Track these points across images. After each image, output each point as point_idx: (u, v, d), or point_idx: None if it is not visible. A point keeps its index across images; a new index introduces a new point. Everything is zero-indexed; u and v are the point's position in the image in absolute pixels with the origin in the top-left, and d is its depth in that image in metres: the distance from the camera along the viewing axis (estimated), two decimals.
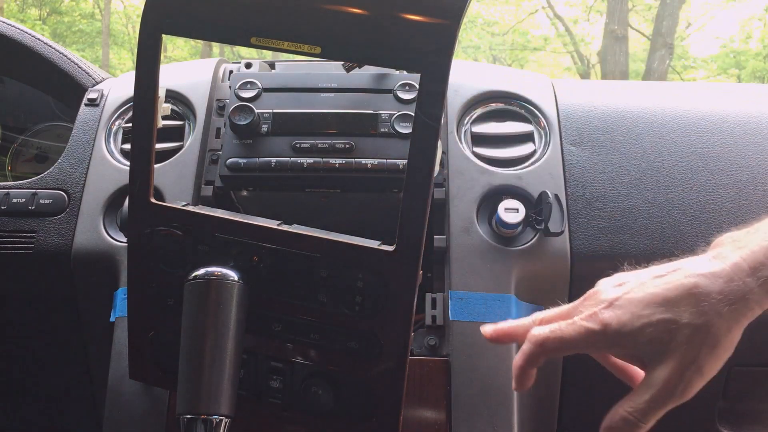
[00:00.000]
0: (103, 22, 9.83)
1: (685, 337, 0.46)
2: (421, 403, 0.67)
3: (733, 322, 0.46)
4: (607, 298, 0.49)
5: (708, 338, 0.46)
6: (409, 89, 0.78)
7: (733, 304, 0.45)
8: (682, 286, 0.46)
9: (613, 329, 0.47)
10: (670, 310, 0.46)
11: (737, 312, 0.46)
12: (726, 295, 0.45)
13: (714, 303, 0.45)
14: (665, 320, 0.46)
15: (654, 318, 0.46)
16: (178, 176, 0.78)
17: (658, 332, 0.46)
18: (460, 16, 0.44)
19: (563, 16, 9.79)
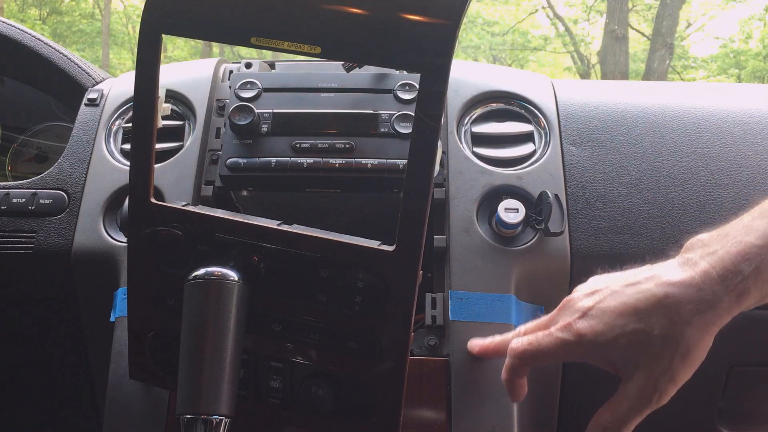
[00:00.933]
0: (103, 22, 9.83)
1: (658, 348, 0.47)
2: (421, 403, 0.67)
3: (704, 331, 0.47)
4: (581, 308, 0.50)
5: (679, 347, 0.47)
6: (409, 89, 0.78)
7: (703, 313, 0.46)
8: (654, 296, 0.47)
9: (587, 339, 0.48)
10: (643, 321, 0.47)
11: (707, 320, 0.47)
12: (696, 304, 0.46)
13: (684, 313, 0.46)
14: (638, 330, 0.47)
15: (627, 329, 0.47)
16: (178, 176, 0.78)
17: (631, 342, 0.47)
18: (460, 16, 0.44)
19: (563, 16, 9.79)
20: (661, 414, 0.85)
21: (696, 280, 0.46)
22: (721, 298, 0.46)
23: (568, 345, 0.50)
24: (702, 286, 0.46)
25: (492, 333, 0.69)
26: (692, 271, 0.47)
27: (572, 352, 0.50)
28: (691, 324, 0.47)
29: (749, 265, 0.45)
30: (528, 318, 0.73)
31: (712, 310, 0.46)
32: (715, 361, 0.81)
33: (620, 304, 0.48)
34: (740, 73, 8.67)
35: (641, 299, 0.47)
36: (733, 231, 0.47)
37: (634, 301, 0.48)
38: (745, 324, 0.78)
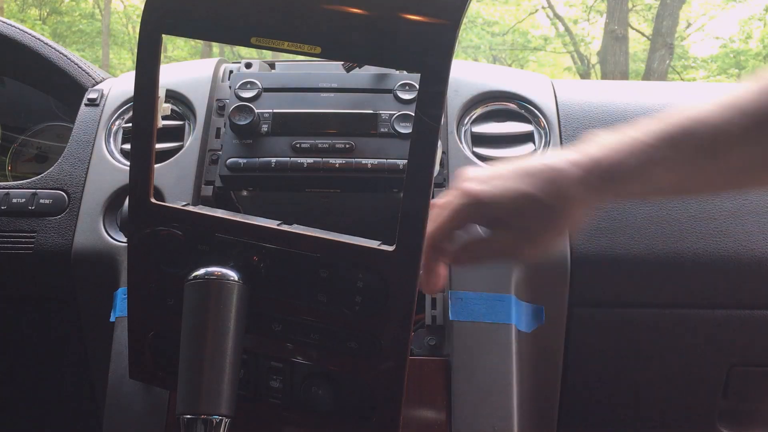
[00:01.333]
0: (103, 22, 9.83)
1: (539, 211, 0.51)
2: (421, 403, 0.67)
3: (581, 210, 0.52)
4: (478, 176, 0.53)
5: (558, 218, 0.52)
6: (409, 89, 0.78)
7: (586, 193, 0.50)
8: (547, 168, 0.52)
9: (482, 201, 0.52)
10: (533, 186, 0.51)
11: (588, 201, 0.51)
12: (583, 184, 0.50)
13: (571, 189, 0.50)
14: (527, 193, 0.51)
15: (518, 190, 0.51)
16: (178, 176, 0.78)
17: (518, 202, 0.51)
18: (460, 16, 0.44)
19: (563, 16, 9.79)
20: (662, 414, 0.86)
21: (586, 164, 0.51)
22: (606, 185, 0.50)
23: (466, 208, 0.53)
24: (591, 170, 0.50)
25: (492, 333, 0.69)
26: (584, 157, 0.51)
27: (470, 215, 0.53)
28: (575, 200, 0.51)
29: (636, 160, 0.49)
30: (528, 318, 0.73)
31: (596, 193, 0.51)
32: (715, 361, 0.81)
33: (514, 170, 0.53)
34: (740, 73, 8.67)
35: (536, 169, 0.52)
36: (629, 130, 0.51)
37: (528, 168, 0.52)
38: (745, 324, 0.78)
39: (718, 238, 0.76)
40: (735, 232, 0.77)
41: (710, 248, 0.76)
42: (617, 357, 0.82)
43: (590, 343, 0.80)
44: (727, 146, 0.49)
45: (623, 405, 0.85)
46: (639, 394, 0.84)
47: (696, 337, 0.80)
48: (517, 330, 0.70)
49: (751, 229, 0.77)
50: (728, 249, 0.76)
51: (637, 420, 0.86)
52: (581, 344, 0.79)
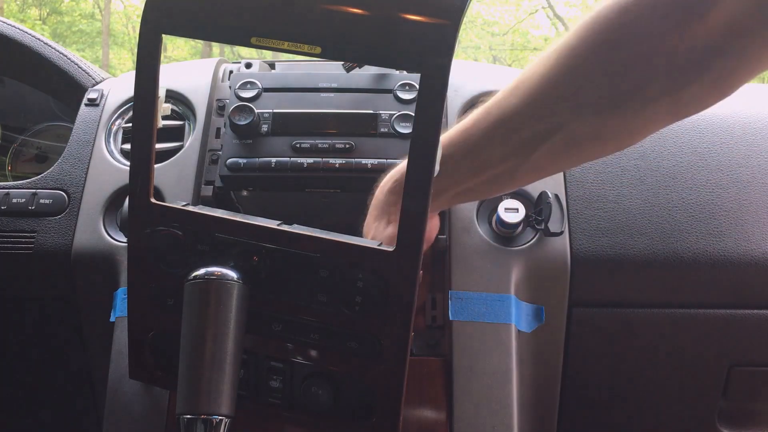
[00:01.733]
0: (103, 22, 9.83)
1: (384, 208, 0.63)
2: (421, 403, 0.67)
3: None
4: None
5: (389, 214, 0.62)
6: (409, 89, 0.78)
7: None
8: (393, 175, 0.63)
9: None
10: (384, 189, 0.63)
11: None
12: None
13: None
14: (378, 195, 0.64)
15: (379, 195, 0.64)
16: (178, 176, 0.78)
17: (376, 200, 0.64)
18: (460, 16, 0.44)
19: (563, 16, 9.78)
20: (662, 414, 0.86)
21: (378, 191, 0.63)
22: (383, 197, 0.63)
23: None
24: (377, 195, 0.63)
25: (492, 333, 0.69)
26: (382, 182, 0.63)
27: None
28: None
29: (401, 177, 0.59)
30: (528, 318, 0.73)
31: (379, 210, 0.63)
32: (715, 361, 0.81)
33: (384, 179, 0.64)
34: None
35: (392, 175, 0.62)
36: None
37: (389, 177, 0.63)
38: (745, 324, 0.78)
39: (718, 238, 0.76)
40: (735, 232, 0.77)
41: (710, 248, 0.76)
42: (617, 357, 0.82)
43: (590, 343, 0.80)
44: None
45: (623, 405, 0.85)
46: (639, 394, 0.84)
47: (696, 337, 0.80)
48: (517, 330, 0.70)
49: (751, 229, 0.77)
50: (728, 249, 0.76)
51: (637, 420, 0.86)
52: (581, 344, 0.79)
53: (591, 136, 0.52)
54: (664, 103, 0.48)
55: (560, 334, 0.77)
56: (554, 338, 0.77)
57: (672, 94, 0.48)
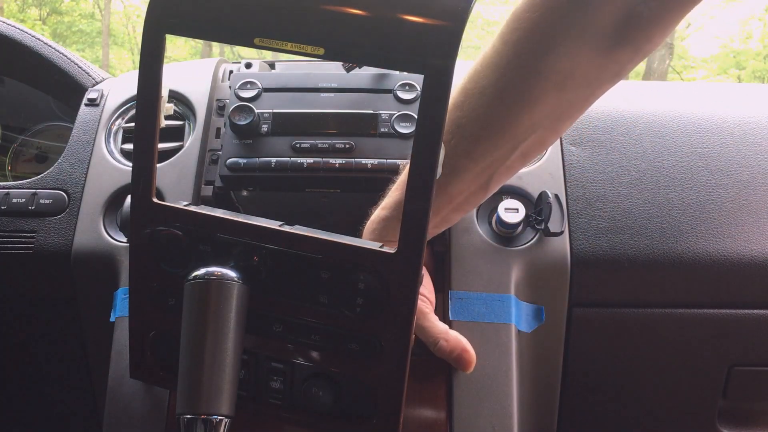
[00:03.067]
0: (103, 22, 9.83)
1: None
2: (421, 403, 0.67)
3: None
4: None
5: None
6: (409, 89, 0.78)
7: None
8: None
9: None
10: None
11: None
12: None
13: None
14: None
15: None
16: (178, 176, 0.78)
17: None
18: (464, 17, 0.44)
19: None
20: (662, 414, 0.86)
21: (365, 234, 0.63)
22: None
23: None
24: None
25: (492, 333, 0.69)
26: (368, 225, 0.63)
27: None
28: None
29: (380, 225, 0.60)
30: (528, 318, 0.73)
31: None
32: (715, 361, 0.81)
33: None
34: (740, 74, 8.67)
35: (374, 221, 0.63)
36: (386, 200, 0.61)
37: (373, 222, 0.63)
38: (745, 324, 0.79)
39: (718, 238, 0.76)
40: (735, 232, 0.77)
41: (710, 248, 0.76)
42: (617, 357, 0.82)
43: (590, 343, 0.80)
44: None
45: (623, 405, 0.85)
46: (639, 394, 0.84)
47: (696, 337, 0.80)
48: (517, 330, 0.70)
49: (751, 229, 0.77)
50: (728, 249, 0.76)
51: (637, 420, 0.86)
52: (581, 344, 0.79)
53: (549, 132, 0.55)
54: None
55: (560, 334, 0.77)
56: (554, 338, 0.77)
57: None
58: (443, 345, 0.61)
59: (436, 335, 0.61)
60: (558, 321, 0.76)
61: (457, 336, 0.62)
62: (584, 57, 0.50)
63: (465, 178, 0.56)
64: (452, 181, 0.56)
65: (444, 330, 0.62)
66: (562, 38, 0.50)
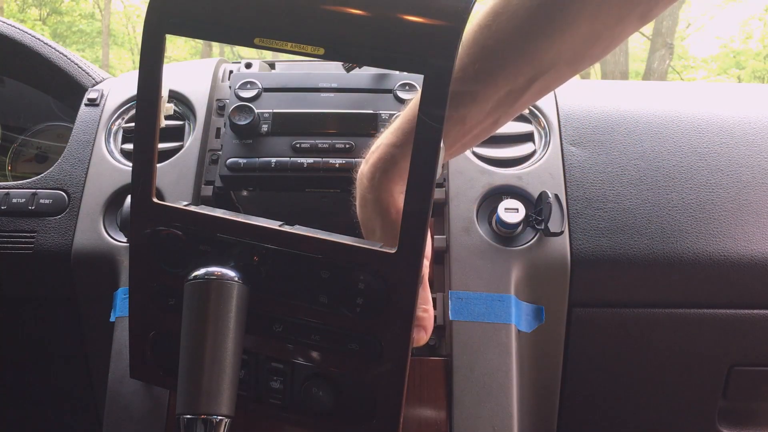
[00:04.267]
0: (103, 22, 9.83)
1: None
2: (421, 403, 0.67)
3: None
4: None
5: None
6: (409, 89, 0.78)
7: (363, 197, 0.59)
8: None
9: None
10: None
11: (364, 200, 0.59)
12: (363, 190, 0.59)
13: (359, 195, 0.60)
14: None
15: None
16: (178, 176, 0.78)
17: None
18: (464, 18, 0.44)
19: None
20: (662, 414, 0.86)
21: (363, 171, 0.59)
22: (375, 192, 0.57)
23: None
24: (365, 188, 0.58)
25: (492, 333, 0.69)
26: (365, 166, 0.59)
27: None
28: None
29: (387, 165, 0.56)
30: (528, 318, 0.73)
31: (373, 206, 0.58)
32: (715, 361, 0.81)
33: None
34: (740, 74, 8.67)
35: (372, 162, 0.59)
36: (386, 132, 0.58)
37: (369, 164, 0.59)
38: (745, 324, 0.79)
39: (718, 238, 0.76)
40: (735, 232, 0.77)
41: (710, 248, 0.76)
42: (617, 357, 0.82)
43: (590, 343, 0.80)
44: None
45: (623, 405, 0.86)
46: (639, 394, 0.85)
47: (696, 337, 0.80)
48: (517, 330, 0.70)
49: (751, 229, 0.77)
50: (728, 249, 0.76)
51: (637, 420, 0.86)
52: (581, 344, 0.79)
53: (566, 69, 0.54)
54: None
55: (560, 334, 0.77)
56: (554, 338, 0.77)
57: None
58: (419, 315, 0.57)
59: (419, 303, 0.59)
60: (558, 321, 0.76)
61: (430, 313, 0.58)
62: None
63: (483, 107, 0.54)
64: (471, 109, 0.54)
65: (425, 300, 0.59)
66: None
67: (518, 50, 0.52)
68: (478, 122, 0.56)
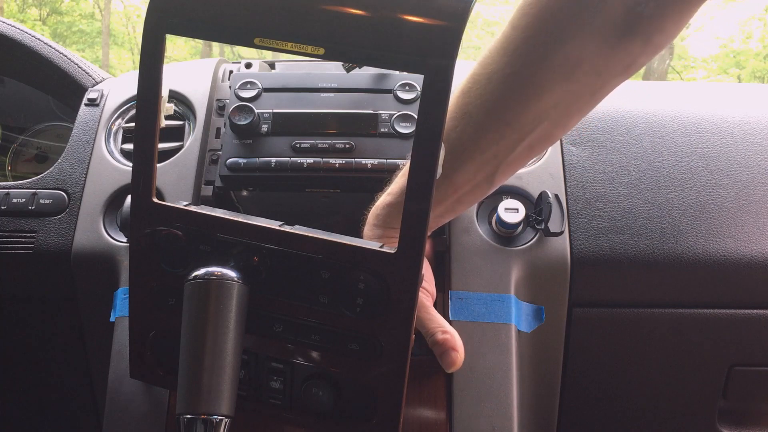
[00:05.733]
0: (103, 22, 9.83)
1: None
2: (421, 403, 0.67)
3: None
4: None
5: None
6: (409, 89, 0.78)
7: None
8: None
9: None
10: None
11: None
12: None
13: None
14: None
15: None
16: (178, 176, 0.78)
17: None
18: (464, 18, 0.44)
19: None
20: (662, 414, 0.86)
21: (367, 224, 0.62)
22: (373, 232, 0.61)
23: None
24: (368, 228, 0.62)
25: (492, 333, 0.69)
26: (370, 215, 0.62)
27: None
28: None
29: (384, 211, 0.60)
30: (528, 318, 0.73)
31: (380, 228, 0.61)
32: (715, 361, 0.81)
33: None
34: (740, 73, 8.67)
35: (375, 213, 0.62)
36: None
37: (372, 215, 0.63)
38: (745, 324, 0.79)
39: (718, 238, 0.76)
40: (735, 232, 0.77)
41: (710, 248, 0.76)
42: (617, 357, 0.82)
43: (590, 343, 0.80)
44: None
45: (623, 405, 0.86)
46: (639, 394, 0.85)
47: (696, 337, 0.80)
48: (517, 330, 0.70)
49: (751, 229, 0.77)
50: (728, 249, 0.76)
51: (637, 420, 0.86)
52: (581, 344, 0.79)
53: (555, 126, 0.54)
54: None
55: (560, 334, 0.77)
56: (554, 338, 0.77)
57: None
58: (439, 338, 0.60)
59: (434, 328, 0.61)
60: (558, 321, 0.76)
61: (452, 333, 0.61)
62: (593, 46, 0.50)
63: (470, 168, 0.56)
64: (458, 170, 0.56)
65: (442, 323, 0.61)
66: (569, 25, 0.49)
67: (497, 114, 0.53)
68: (466, 181, 0.57)
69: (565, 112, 0.54)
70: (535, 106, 0.52)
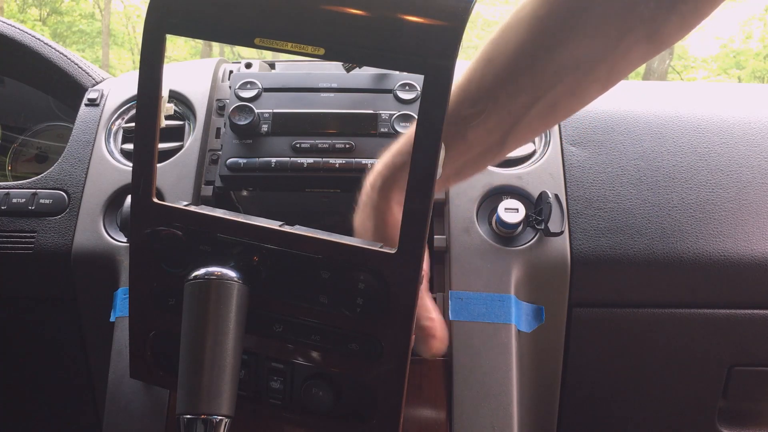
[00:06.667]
0: (103, 22, 9.84)
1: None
2: (421, 403, 0.67)
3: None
4: None
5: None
6: (409, 89, 0.78)
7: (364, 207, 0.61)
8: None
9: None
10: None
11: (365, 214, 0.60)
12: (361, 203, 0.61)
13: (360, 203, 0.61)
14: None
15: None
16: (178, 176, 0.78)
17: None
18: (464, 18, 0.44)
19: None
20: (662, 414, 0.86)
21: (367, 179, 0.61)
22: (374, 197, 0.59)
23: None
24: (366, 193, 0.60)
25: (492, 333, 0.69)
26: (369, 174, 0.60)
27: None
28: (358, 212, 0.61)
29: (389, 173, 0.57)
30: (528, 318, 0.73)
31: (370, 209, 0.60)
32: (715, 361, 0.81)
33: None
34: (740, 74, 8.68)
35: (379, 171, 0.60)
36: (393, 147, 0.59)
37: (375, 173, 0.60)
38: (745, 324, 0.79)
39: (718, 238, 0.76)
40: (735, 232, 0.77)
41: (710, 248, 0.76)
42: (617, 357, 0.82)
43: (590, 343, 0.80)
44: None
45: (623, 405, 0.86)
46: (639, 394, 0.85)
47: (696, 337, 0.80)
48: (517, 330, 0.70)
49: (751, 229, 0.77)
50: (728, 249, 0.76)
51: (637, 420, 0.86)
52: (581, 344, 0.79)
53: (570, 93, 0.54)
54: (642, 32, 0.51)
55: (560, 334, 0.77)
56: (554, 338, 0.77)
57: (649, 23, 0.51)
58: (422, 324, 0.58)
59: (421, 314, 0.58)
60: (558, 321, 0.76)
61: (437, 320, 0.59)
62: (619, 5, 0.50)
63: (486, 124, 0.55)
64: (473, 126, 0.55)
65: (430, 309, 0.59)
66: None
67: (519, 63, 0.53)
68: (480, 139, 0.56)
69: (582, 79, 0.53)
70: (559, 56, 0.52)
